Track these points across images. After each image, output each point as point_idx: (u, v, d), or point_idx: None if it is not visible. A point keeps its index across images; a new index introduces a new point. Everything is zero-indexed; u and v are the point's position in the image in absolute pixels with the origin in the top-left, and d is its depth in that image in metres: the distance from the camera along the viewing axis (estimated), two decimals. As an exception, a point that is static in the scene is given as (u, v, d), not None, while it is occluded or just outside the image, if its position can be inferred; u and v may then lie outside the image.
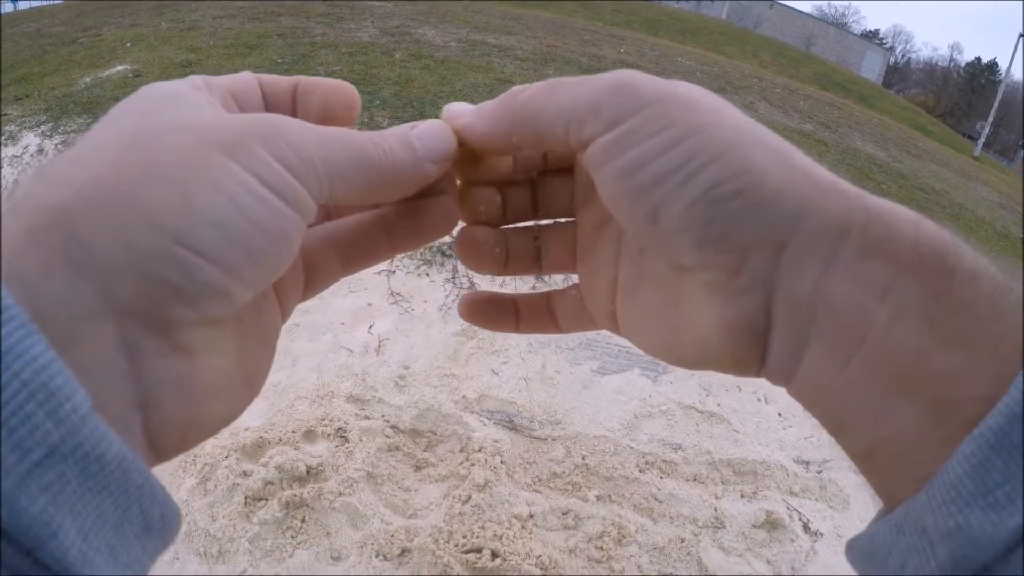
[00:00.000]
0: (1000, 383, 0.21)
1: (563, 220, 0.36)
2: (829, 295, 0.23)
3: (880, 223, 0.23)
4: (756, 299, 0.25)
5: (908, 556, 0.22)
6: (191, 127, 0.23)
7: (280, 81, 0.31)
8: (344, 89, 0.32)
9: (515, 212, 0.35)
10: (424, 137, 0.30)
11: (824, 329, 0.23)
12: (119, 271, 0.20)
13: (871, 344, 0.22)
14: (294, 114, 0.31)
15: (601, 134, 0.26)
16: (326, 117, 0.31)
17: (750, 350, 0.25)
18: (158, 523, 0.19)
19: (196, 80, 0.28)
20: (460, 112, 0.31)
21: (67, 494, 0.16)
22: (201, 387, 0.23)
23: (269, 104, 0.31)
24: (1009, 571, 0.20)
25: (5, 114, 4.90)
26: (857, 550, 0.26)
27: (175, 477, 1.91)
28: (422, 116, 4.41)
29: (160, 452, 0.22)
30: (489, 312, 0.37)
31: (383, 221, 0.34)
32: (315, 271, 0.34)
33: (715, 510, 1.96)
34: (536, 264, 0.36)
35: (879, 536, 0.24)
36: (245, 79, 0.30)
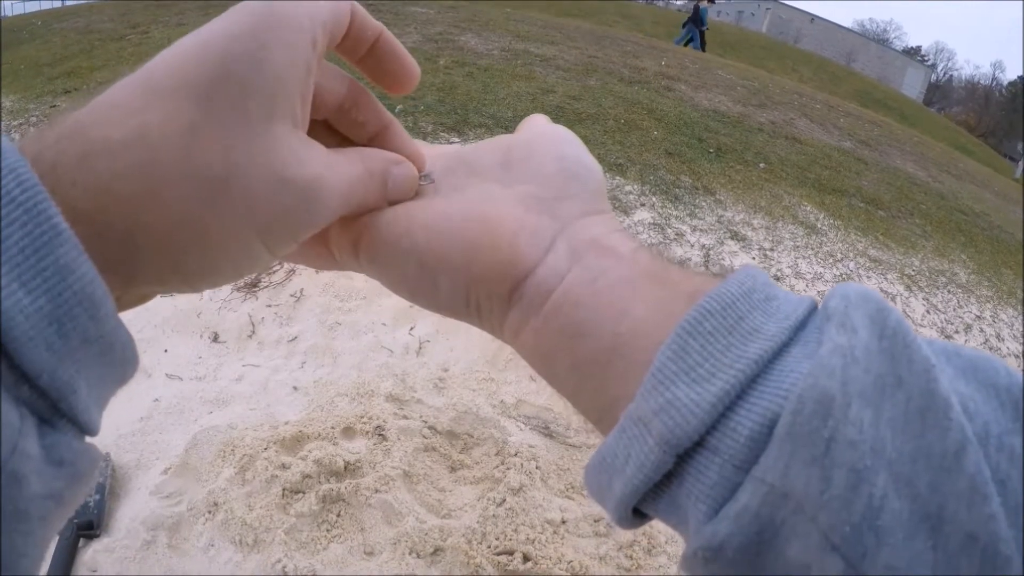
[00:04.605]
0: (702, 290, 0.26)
1: None
2: (598, 240, 0.30)
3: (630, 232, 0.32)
4: (554, 226, 0.30)
5: (630, 446, 0.24)
6: (246, 196, 0.26)
7: (369, 28, 0.32)
8: (413, 76, 0.34)
9: None
10: (397, 181, 0.32)
11: (586, 260, 0.29)
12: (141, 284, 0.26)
13: (619, 266, 0.29)
14: (361, 60, 0.33)
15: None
16: (385, 84, 0.34)
17: (533, 248, 0.30)
18: (128, 376, 0.26)
19: (309, 37, 0.28)
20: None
21: (86, 365, 0.22)
22: None
23: (350, 38, 0.32)
24: (722, 445, 0.22)
25: (54, 105, 5.04)
26: (590, 468, 0.27)
27: (213, 466, 1.94)
28: (465, 123, 4.47)
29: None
30: None
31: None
32: None
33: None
34: None
35: (606, 445, 0.26)
36: (341, 21, 0.31)
